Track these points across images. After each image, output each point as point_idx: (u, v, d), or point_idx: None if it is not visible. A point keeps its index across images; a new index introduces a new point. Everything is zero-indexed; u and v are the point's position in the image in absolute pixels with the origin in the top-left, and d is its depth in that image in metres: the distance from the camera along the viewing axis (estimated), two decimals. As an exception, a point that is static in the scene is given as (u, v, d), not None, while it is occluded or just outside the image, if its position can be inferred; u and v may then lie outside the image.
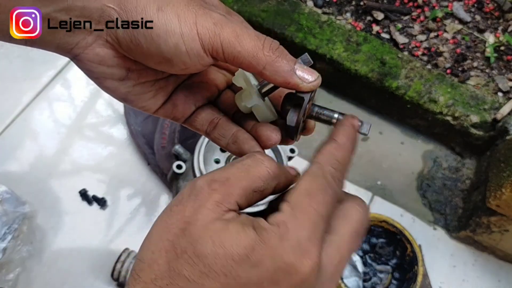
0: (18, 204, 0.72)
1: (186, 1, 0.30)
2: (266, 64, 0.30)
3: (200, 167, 0.67)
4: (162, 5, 0.30)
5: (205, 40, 0.30)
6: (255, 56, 0.30)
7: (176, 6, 0.30)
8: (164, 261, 0.26)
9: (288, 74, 0.31)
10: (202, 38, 0.30)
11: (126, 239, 0.79)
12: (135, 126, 0.84)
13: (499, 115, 0.86)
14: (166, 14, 0.30)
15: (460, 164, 0.93)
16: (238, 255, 0.25)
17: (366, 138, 0.95)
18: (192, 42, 0.30)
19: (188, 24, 0.30)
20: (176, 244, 0.26)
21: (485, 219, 0.78)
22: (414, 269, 0.73)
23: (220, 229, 0.25)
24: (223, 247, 0.25)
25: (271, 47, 0.30)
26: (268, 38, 0.31)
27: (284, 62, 0.30)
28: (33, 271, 0.75)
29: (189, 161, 0.69)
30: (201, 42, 0.30)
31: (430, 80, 0.91)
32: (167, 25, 0.30)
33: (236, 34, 0.30)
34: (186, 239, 0.26)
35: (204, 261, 0.25)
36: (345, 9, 1.05)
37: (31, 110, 0.90)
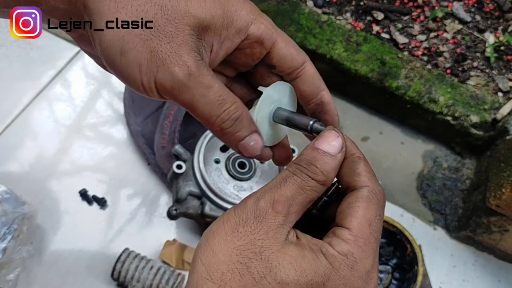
0: (18, 204, 0.72)
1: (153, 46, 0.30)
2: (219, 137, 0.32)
3: (200, 167, 0.67)
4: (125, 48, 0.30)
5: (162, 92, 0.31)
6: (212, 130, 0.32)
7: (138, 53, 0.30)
8: (238, 284, 0.26)
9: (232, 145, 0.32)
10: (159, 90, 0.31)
11: (126, 239, 0.79)
12: (135, 126, 0.84)
13: (499, 115, 0.86)
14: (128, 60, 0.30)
15: (460, 164, 0.93)
16: (316, 283, 0.26)
17: (366, 138, 0.95)
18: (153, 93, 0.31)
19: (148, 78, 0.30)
20: (251, 269, 0.27)
21: (485, 219, 0.78)
22: (414, 269, 0.73)
23: (298, 256, 0.27)
24: (304, 276, 0.26)
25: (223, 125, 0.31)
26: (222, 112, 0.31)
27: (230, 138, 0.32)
28: (33, 271, 0.75)
29: (189, 161, 0.69)
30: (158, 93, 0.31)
31: (430, 80, 0.91)
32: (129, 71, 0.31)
33: (192, 102, 0.31)
34: (262, 264, 0.26)
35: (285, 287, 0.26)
36: (345, 9, 1.05)
37: (31, 110, 0.90)
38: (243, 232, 0.28)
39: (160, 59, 0.30)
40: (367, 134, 0.96)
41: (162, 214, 0.81)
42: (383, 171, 0.92)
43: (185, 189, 0.67)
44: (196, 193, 0.68)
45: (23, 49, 0.97)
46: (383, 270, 0.79)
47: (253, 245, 0.27)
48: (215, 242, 0.28)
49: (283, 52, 0.34)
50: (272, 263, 0.27)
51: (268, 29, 0.34)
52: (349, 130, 0.96)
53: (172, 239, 0.78)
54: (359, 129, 0.96)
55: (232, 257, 0.27)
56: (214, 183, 0.67)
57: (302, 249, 0.27)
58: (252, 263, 0.27)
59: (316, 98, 0.36)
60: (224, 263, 0.27)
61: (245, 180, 0.68)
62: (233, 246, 0.27)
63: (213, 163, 0.69)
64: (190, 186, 0.68)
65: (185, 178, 0.68)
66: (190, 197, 0.68)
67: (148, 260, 0.73)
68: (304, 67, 0.35)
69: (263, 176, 0.69)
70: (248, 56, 0.34)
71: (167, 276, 0.72)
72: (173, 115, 0.79)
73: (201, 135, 0.70)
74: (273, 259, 0.27)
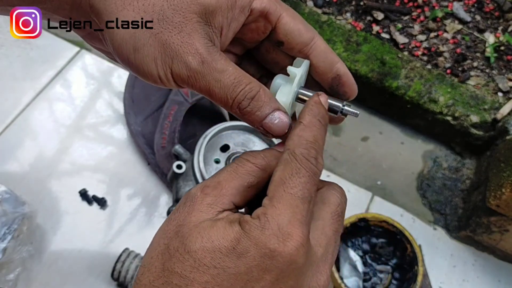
0: (18, 204, 0.72)
1: (164, 39, 0.31)
2: (238, 115, 0.32)
3: (200, 167, 0.66)
4: (137, 45, 0.31)
5: (179, 82, 0.32)
6: (227, 105, 0.32)
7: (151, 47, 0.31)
8: (160, 262, 0.27)
9: (257, 127, 0.32)
10: (176, 81, 0.32)
11: (126, 239, 0.79)
12: (135, 126, 0.84)
13: (499, 115, 0.86)
14: (142, 56, 0.31)
15: (460, 164, 0.93)
16: (225, 247, 0.26)
17: (366, 138, 0.95)
18: (170, 83, 0.32)
19: (165, 70, 0.31)
20: (170, 246, 0.27)
21: (485, 219, 0.78)
22: (414, 269, 0.73)
23: (208, 226, 0.27)
24: (210, 242, 0.26)
25: (242, 103, 0.31)
26: (240, 91, 0.31)
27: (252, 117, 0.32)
28: (33, 271, 0.75)
29: (189, 161, 0.69)
30: (175, 83, 0.32)
31: (430, 80, 0.91)
32: (144, 66, 0.31)
33: (208, 88, 0.31)
34: (178, 239, 0.27)
35: (193, 256, 0.26)
36: (345, 9, 1.05)
37: (31, 110, 0.90)
38: (173, 218, 0.29)
39: (173, 50, 0.31)
40: (367, 134, 0.96)
41: (162, 214, 0.81)
42: (383, 171, 0.92)
43: (185, 189, 0.67)
44: None
45: (23, 49, 0.97)
46: (383, 270, 0.79)
47: (177, 225, 0.28)
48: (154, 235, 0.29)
49: (290, 26, 0.34)
50: (184, 236, 0.27)
51: (271, 2, 0.33)
52: (348, 130, 0.96)
53: (172, 239, 0.78)
54: (359, 129, 0.96)
55: (160, 241, 0.28)
56: None
57: (215, 221, 0.27)
58: (172, 241, 0.27)
59: (332, 72, 0.35)
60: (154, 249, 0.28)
61: None
62: (162, 232, 0.29)
63: (213, 163, 0.68)
64: (190, 186, 0.67)
65: (185, 178, 0.67)
66: None
67: (148, 260, 0.73)
68: (315, 42, 0.34)
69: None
70: (253, 31, 0.34)
71: (167, 276, 0.72)
72: (173, 115, 0.79)
73: (201, 135, 0.70)
74: (185, 233, 0.27)
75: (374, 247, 0.80)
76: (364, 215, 0.76)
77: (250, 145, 0.68)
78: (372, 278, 0.78)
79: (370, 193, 0.89)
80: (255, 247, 0.26)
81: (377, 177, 0.91)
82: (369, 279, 0.78)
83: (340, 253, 0.77)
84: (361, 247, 0.80)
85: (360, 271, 0.76)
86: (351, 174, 0.91)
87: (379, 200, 0.88)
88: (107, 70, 0.96)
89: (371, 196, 0.88)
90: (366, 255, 0.80)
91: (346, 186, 0.89)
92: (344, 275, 0.75)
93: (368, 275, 0.78)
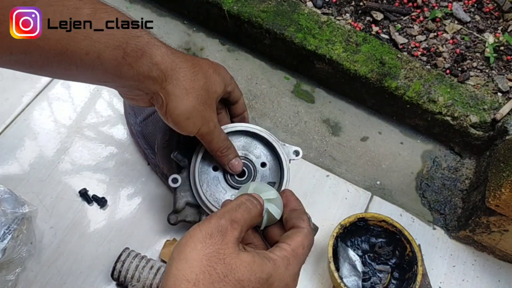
0: (18, 204, 0.72)
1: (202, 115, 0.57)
2: (216, 157, 0.63)
3: (195, 181, 0.65)
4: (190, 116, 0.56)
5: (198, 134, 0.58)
6: (214, 152, 0.62)
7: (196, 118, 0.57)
8: (208, 281, 0.36)
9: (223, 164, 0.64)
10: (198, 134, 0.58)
11: (126, 239, 0.79)
12: (135, 126, 0.84)
13: (499, 115, 0.86)
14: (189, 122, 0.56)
15: (460, 164, 0.93)
16: (262, 279, 0.38)
17: (365, 138, 0.96)
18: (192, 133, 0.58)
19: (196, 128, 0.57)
20: (217, 270, 0.36)
21: (485, 219, 0.78)
22: (414, 269, 0.73)
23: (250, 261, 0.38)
24: (254, 274, 0.37)
25: (223, 151, 0.62)
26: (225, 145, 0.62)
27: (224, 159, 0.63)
28: (33, 271, 0.75)
29: (186, 169, 0.68)
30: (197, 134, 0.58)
31: (429, 80, 0.91)
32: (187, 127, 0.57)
33: (211, 140, 0.60)
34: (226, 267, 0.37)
35: (241, 284, 0.37)
36: (345, 9, 1.05)
37: (31, 110, 0.90)
38: (209, 243, 0.37)
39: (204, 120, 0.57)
40: (366, 134, 0.96)
41: (163, 213, 0.82)
42: (382, 171, 0.92)
43: (182, 200, 0.66)
44: (194, 203, 0.66)
45: (23, 49, 0.97)
46: (382, 270, 0.79)
47: (218, 253, 0.37)
48: (187, 252, 0.37)
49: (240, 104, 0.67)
50: (232, 266, 0.37)
51: (237, 89, 0.65)
52: (348, 130, 0.96)
53: (172, 239, 0.78)
54: (358, 129, 0.96)
55: (203, 262, 0.36)
56: (211, 194, 0.65)
57: (253, 257, 0.38)
58: (217, 266, 0.36)
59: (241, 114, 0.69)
60: (197, 267, 0.36)
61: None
62: (202, 254, 0.37)
63: (211, 170, 0.67)
64: (188, 197, 0.67)
65: (183, 189, 0.67)
66: (188, 206, 0.67)
67: (148, 260, 0.73)
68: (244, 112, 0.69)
69: (263, 181, 0.68)
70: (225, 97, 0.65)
71: (167, 276, 0.72)
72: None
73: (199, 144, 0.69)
74: (232, 263, 0.37)
75: (374, 246, 0.80)
76: (364, 215, 0.76)
77: (251, 148, 0.68)
78: (372, 277, 0.78)
79: (369, 193, 0.89)
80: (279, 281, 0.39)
81: (377, 177, 0.91)
82: (368, 278, 0.78)
83: (339, 252, 0.77)
84: (360, 246, 0.80)
85: (359, 271, 0.77)
86: (350, 174, 0.91)
87: (379, 200, 0.88)
88: (107, 70, 0.96)
89: (370, 196, 0.88)
90: (366, 255, 0.80)
91: (346, 186, 0.89)
92: (343, 275, 0.75)
93: (367, 275, 0.78)
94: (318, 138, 0.95)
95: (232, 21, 0.98)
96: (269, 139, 0.67)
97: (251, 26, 0.96)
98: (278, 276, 0.38)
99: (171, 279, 0.36)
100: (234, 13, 0.96)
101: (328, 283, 0.78)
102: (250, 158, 0.67)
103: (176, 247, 0.38)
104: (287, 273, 0.39)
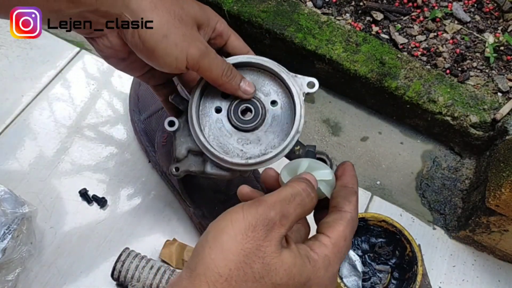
0: (18, 204, 0.72)
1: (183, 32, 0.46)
2: (222, 84, 0.50)
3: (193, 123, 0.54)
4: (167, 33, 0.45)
5: (190, 64, 0.47)
6: (217, 79, 0.49)
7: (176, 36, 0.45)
8: (242, 280, 0.32)
9: (235, 90, 0.52)
10: (188, 63, 0.47)
11: (126, 239, 0.79)
12: (138, 123, 0.84)
13: (499, 115, 0.86)
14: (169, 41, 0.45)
15: (460, 164, 0.93)
16: (300, 283, 0.34)
17: (365, 138, 0.96)
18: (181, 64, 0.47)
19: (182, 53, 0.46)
20: (253, 269, 0.33)
21: (485, 219, 0.78)
22: (414, 269, 0.73)
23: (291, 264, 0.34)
24: (292, 279, 0.34)
25: (227, 74, 0.50)
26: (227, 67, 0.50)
27: (232, 83, 0.51)
28: (33, 271, 0.75)
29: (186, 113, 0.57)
30: (187, 64, 0.47)
31: (429, 80, 0.91)
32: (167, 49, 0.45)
33: (209, 64, 0.48)
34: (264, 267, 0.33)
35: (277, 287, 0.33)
36: (345, 9, 1.05)
37: (31, 110, 0.90)
38: (251, 237, 0.33)
39: (189, 38, 0.46)
40: (366, 134, 0.96)
41: (163, 213, 0.82)
42: (382, 171, 0.92)
43: (183, 146, 0.56)
44: (196, 149, 0.55)
45: (23, 49, 0.97)
46: (382, 270, 0.79)
47: (259, 250, 0.33)
48: (224, 240, 0.33)
49: (235, 44, 0.54)
50: (271, 267, 0.33)
51: (225, 27, 0.53)
52: (348, 130, 0.96)
53: (172, 239, 0.78)
54: (358, 129, 0.96)
55: (240, 257, 0.32)
56: (214, 138, 0.54)
57: (294, 258, 0.34)
58: (255, 264, 0.33)
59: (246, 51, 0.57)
60: (232, 261, 0.32)
61: (250, 130, 0.54)
62: (241, 248, 0.33)
63: (213, 113, 0.55)
64: (189, 143, 0.56)
65: (183, 134, 0.56)
66: (190, 153, 0.57)
67: (148, 260, 0.73)
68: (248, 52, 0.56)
69: (274, 123, 0.55)
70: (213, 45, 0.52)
71: (167, 275, 0.72)
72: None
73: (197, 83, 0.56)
74: (272, 264, 0.33)
75: (374, 246, 0.80)
76: (364, 215, 0.76)
77: (259, 85, 0.56)
78: (372, 277, 0.78)
79: (369, 193, 0.89)
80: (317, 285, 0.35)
81: (377, 177, 0.91)
82: (368, 278, 0.78)
83: (339, 253, 0.77)
84: (360, 246, 0.80)
85: (359, 271, 0.77)
86: (350, 174, 0.91)
87: (379, 200, 0.88)
88: (107, 70, 0.96)
89: (370, 196, 0.88)
90: (366, 255, 0.80)
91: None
92: (343, 275, 0.75)
93: (367, 275, 0.78)
94: (318, 138, 0.95)
95: (232, 21, 0.98)
96: (276, 69, 0.55)
97: (251, 26, 0.96)
98: (317, 280, 0.35)
99: (201, 266, 0.32)
100: (234, 13, 0.96)
101: (328, 283, 0.78)
102: (258, 97, 0.55)
103: (213, 229, 0.34)
104: (326, 275, 0.36)
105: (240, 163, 0.52)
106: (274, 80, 0.57)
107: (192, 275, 0.32)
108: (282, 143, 0.52)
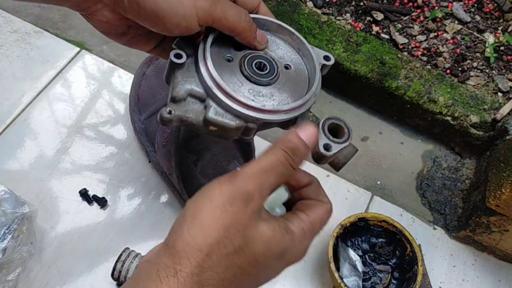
0: (18, 204, 0.72)
1: None
2: (242, 31, 0.45)
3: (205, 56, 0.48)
4: None
5: (201, 18, 0.42)
6: (236, 26, 0.44)
7: None
8: (223, 253, 0.33)
9: (252, 39, 0.46)
10: (199, 17, 0.42)
11: (126, 239, 0.79)
12: (139, 123, 0.84)
13: (499, 115, 0.86)
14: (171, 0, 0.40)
15: (460, 164, 0.93)
16: (277, 253, 0.35)
17: (365, 138, 0.96)
18: (192, 21, 0.42)
19: (189, 8, 0.41)
20: (233, 241, 0.33)
21: (485, 219, 0.78)
22: (414, 269, 0.73)
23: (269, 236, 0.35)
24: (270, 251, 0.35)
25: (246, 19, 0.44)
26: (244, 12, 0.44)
27: (252, 31, 0.46)
28: (33, 271, 0.75)
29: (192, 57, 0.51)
30: (198, 20, 0.42)
31: (429, 80, 0.91)
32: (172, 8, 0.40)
33: (224, 12, 0.42)
34: (243, 240, 0.33)
35: (256, 258, 0.34)
36: (345, 9, 1.05)
37: (31, 110, 0.90)
38: (230, 211, 0.33)
39: None
40: (366, 134, 0.96)
41: (163, 213, 0.82)
42: (383, 171, 0.92)
43: (184, 86, 0.49)
44: (199, 94, 0.49)
45: (23, 49, 0.97)
46: (383, 270, 0.79)
47: (238, 223, 0.33)
48: (203, 217, 0.33)
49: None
50: (249, 239, 0.34)
51: None
52: (349, 130, 0.96)
53: (172, 239, 0.78)
54: (358, 129, 0.96)
55: (220, 232, 0.33)
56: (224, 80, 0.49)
57: (273, 230, 0.35)
58: (235, 237, 0.33)
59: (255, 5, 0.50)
60: (212, 237, 0.33)
61: (264, 84, 0.50)
62: (221, 223, 0.33)
63: (224, 61, 0.50)
64: (191, 84, 0.49)
65: (186, 74, 0.50)
66: (190, 98, 0.50)
67: (148, 260, 0.73)
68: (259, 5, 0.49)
69: (288, 83, 0.52)
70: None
71: (167, 276, 0.72)
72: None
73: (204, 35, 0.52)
74: (251, 236, 0.34)
75: (374, 246, 0.80)
76: (364, 215, 0.76)
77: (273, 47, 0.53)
78: (372, 277, 0.78)
79: (369, 193, 0.89)
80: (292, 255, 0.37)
81: (377, 177, 0.91)
82: (368, 278, 0.78)
83: (339, 252, 0.77)
84: (360, 246, 0.80)
85: (359, 271, 0.76)
86: (350, 174, 0.91)
87: (379, 200, 0.88)
88: (107, 70, 0.96)
89: (370, 196, 0.88)
90: (366, 255, 0.80)
91: (346, 186, 0.89)
92: (343, 275, 0.75)
93: (367, 275, 0.78)
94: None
95: (232, 21, 0.98)
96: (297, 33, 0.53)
97: (251, 26, 0.96)
98: (292, 249, 0.36)
99: (181, 243, 0.33)
100: (234, 13, 0.96)
101: (329, 283, 0.78)
102: (272, 57, 0.52)
103: (191, 206, 0.34)
104: (301, 246, 0.37)
105: (254, 107, 0.47)
106: (288, 46, 0.54)
107: (171, 252, 0.33)
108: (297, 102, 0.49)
